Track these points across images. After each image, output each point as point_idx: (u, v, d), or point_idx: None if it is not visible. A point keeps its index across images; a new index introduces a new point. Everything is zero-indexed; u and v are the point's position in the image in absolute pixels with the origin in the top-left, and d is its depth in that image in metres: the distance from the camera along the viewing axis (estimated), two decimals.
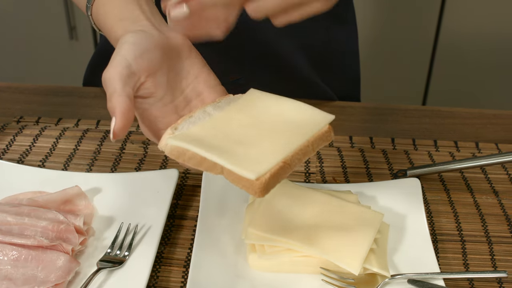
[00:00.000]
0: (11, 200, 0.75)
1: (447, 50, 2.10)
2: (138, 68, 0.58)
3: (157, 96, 0.60)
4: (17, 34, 2.19)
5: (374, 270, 0.67)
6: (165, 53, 0.61)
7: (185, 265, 0.71)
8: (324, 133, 0.58)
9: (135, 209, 0.76)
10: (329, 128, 0.59)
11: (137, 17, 0.63)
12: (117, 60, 0.58)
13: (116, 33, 0.63)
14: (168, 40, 0.62)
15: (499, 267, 0.73)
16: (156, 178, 0.80)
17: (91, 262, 0.69)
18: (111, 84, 0.56)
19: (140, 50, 0.59)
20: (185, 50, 0.63)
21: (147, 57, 0.59)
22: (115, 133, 0.55)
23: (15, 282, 0.64)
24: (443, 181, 0.85)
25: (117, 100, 0.55)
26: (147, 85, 0.59)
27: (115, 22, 0.64)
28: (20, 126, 0.93)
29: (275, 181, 0.55)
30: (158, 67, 0.60)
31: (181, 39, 0.63)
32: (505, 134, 0.96)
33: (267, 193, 0.54)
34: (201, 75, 0.64)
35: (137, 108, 0.61)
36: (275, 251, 0.68)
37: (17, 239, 0.67)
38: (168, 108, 0.61)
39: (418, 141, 0.93)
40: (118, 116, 0.55)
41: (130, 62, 0.57)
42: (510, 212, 0.80)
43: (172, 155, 0.57)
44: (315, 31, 1.03)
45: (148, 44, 0.60)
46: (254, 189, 0.53)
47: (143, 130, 0.62)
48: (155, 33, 0.61)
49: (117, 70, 0.57)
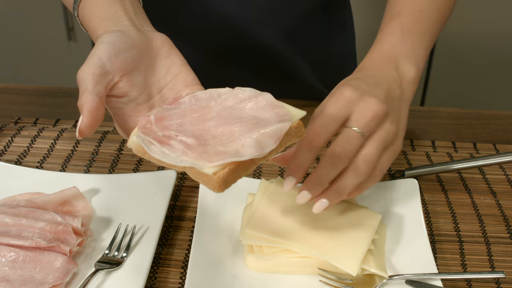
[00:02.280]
0: (9, 201, 0.75)
1: (445, 51, 2.10)
2: (112, 68, 0.59)
3: (132, 95, 0.61)
4: (15, 35, 2.19)
5: (372, 271, 0.67)
6: (143, 53, 0.62)
7: (183, 266, 0.71)
8: (293, 129, 0.56)
9: (133, 210, 0.76)
10: (298, 123, 0.57)
11: (119, 18, 0.64)
12: (91, 59, 0.58)
13: (97, 33, 0.64)
14: (147, 40, 0.63)
15: (497, 267, 0.73)
16: (154, 179, 0.80)
17: (89, 263, 0.69)
18: (83, 82, 0.57)
19: (115, 49, 0.59)
20: (165, 49, 0.64)
21: (123, 57, 0.59)
22: (80, 130, 0.55)
23: (13, 283, 0.64)
24: (441, 181, 0.85)
25: (86, 98, 0.56)
26: (121, 85, 0.60)
27: (98, 22, 0.65)
28: (18, 127, 0.93)
29: (235, 176, 0.54)
30: (134, 66, 0.61)
31: (162, 39, 0.64)
32: (503, 134, 0.96)
33: (227, 188, 0.53)
34: (180, 74, 0.64)
35: (111, 107, 0.61)
36: (272, 252, 0.68)
37: (14, 240, 0.67)
38: (142, 107, 0.62)
39: (416, 142, 0.93)
40: (85, 114, 0.55)
41: (104, 62, 0.58)
42: (508, 212, 0.80)
43: (138, 152, 0.57)
44: (313, 33, 1.03)
45: (125, 44, 0.60)
46: (213, 184, 0.53)
47: (117, 129, 0.63)
48: (134, 33, 0.62)
49: (90, 69, 0.57)
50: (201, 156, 0.53)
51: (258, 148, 0.53)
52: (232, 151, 0.53)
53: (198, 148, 0.54)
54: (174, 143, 0.54)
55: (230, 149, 0.53)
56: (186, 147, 0.54)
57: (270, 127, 0.54)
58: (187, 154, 0.53)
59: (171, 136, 0.55)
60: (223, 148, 0.53)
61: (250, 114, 0.57)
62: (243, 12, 0.95)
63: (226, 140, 0.54)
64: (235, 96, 0.59)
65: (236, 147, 0.53)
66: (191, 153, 0.53)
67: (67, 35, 2.15)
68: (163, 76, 0.63)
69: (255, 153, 0.53)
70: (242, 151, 0.53)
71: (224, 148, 0.53)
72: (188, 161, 0.53)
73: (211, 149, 0.53)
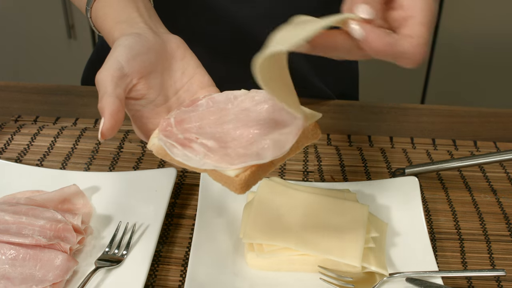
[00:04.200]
0: (9, 199, 0.75)
1: (446, 49, 2.10)
2: (130, 70, 0.59)
3: (150, 97, 0.61)
4: (15, 32, 2.19)
5: (372, 269, 0.67)
6: (160, 56, 0.62)
7: (183, 263, 0.71)
8: (310, 131, 0.57)
9: (133, 208, 0.76)
10: (315, 125, 0.58)
11: (134, 20, 0.64)
12: (110, 62, 0.59)
13: (113, 35, 0.64)
14: (163, 42, 0.63)
15: (497, 265, 0.73)
16: (154, 177, 0.80)
17: (89, 261, 0.69)
18: (103, 85, 0.57)
19: (133, 52, 0.60)
20: (180, 51, 0.64)
21: (140, 60, 0.60)
22: (103, 133, 0.56)
23: (13, 281, 0.64)
24: (442, 179, 0.85)
25: (107, 101, 0.56)
26: (139, 87, 0.60)
27: (113, 25, 0.65)
28: (18, 125, 0.93)
29: (256, 178, 0.55)
30: (152, 69, 0.61)
31: (176, 41, 0.64)
32: (503, 132, 0.96)
33: (248, 189, 0.54)
34: (195, 76, 0.64)
35: (130, 110, 0.62)
36: (273, 249, 0.68)
37: (15, 238, 0.67)
38: (160, 109, 0.62)
39: (417, 140, 0.93)
40: (107, 116, 0.56)
41: (122, 64, 0.59)
42: (508, 210, 0.80)
43: (159, 155, 0.58)
44: None
45: (142, 47, 0.61)
46: (235, 186, 0.54)
47: (135, 131, 0.63)
48: (150, 36, 0.62)
49: (109, 72, 0.58)
50: (223, 159, 0.54)
51: (277, 149, 0.54)
52: (253, 154, 0.54)
53: (219, 150, 0.54)
54: (195, 146, 0.55)
55: (250, 152, 0.54)
56: (207, 150, 0.55)
57: (288, 127, 0.56)
58: (209, 157, 0.54)
59: (191, 139, 0.56)
60: (244, 150, 0.54)
61: (267, 117, 0.57)
62: (244, 10, 0.95)
63: (245, 142, 0.55)
64: (251, 99, 0.60)
65: (256, 150, 0.54)
66: (213, 156, 0.54)
67: (67, 33, 2.15)
68: (179, 78, 0.64)
69: (275, 154, 0.54)
70: (262, 154, 0.54)
71: (244, 151, 0.54)
72: (210, 164, 0.54)
73: (232, 152, 0.54)
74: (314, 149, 0.90)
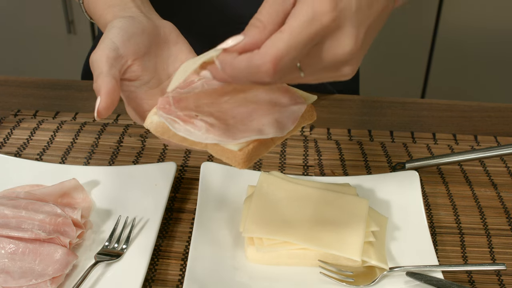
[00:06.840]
0: (9, 193, 0.75)
1: (446, 43, 2.10)
2: (125, 52, 0.60)
3: (144, 79, 0.62)
4: (15, 27, 2.19)
5: (373, 263, 0.67)
6: (153, 39, 0.63)
7: (183, 258, 0.71)
8: (306, 112, 0.59)
9: (133, 202, 0.75)
10: (311, 107, 0.59)
11: (126, 5, 0.65)
12: (105, 43, 0.59)
13: (105, 19, 0.65)
14: (156, 27, 0.64)
15: (498, 259, 0.73)
16: (154, 171, 0.79)
17: (88, 255, 0.69)
18: (98, 65, 0.58)
19: (128, 34, 0.60)
20: (173, 36, 0.65)
21: (135, 41, 0.60)
22: (99, 111, 0.56)
23: (12, 275, 0.64)
24: (442, 173, 0.85)
25: (103, 81, 0.57)
26: (133, 68, 0.61)
27: (105, 9, 0.66)
28: (18, 120, 0.93)
29: (258, 153, 0.56)
30: (145, 51, 0.62)
31: (169, 27, 0.65)
32: (503, 127, 0.96)
33: (250, 164, 0.55)
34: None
35: (124, 91, 0.62)
36: (273, 244, 0.68)
37: (14, 232, 0.67)
38: (154, 91, 0.63)
39: (417, 134, 0.93)
40: (103, 95, 0.56)
41: (117, 45, 0.59)
42: (508, 204, 0.80)
43: (157, 132, 0.58)
44: None
45: (136, 29, 0.61)
46: (237, 160, 0.55)
47: (128, 112, 0.64)
48: (143, 20, 0.63)
49: (104, 52, 0.58)
50: (225, 134, 0.54)
51: (278, 128, 0.55)
52: (254, 129, 0.55)
53: (220, 126, 0.55)
54: (196, 122, 0.56)
55: (252, 128, 0.55)
56: (209, 125, 0.55)
57: (288, 109, 0.57)
58: (211, 132, 0.55)
59: (191, 115, 0.56)
60: (245, 127, 0.55)
61: (264, 98, 0.58)
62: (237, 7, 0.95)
63: (245, 120, 0.56)
64: None
65: (257, 126, 0.55)
66: (215, 131, 0.55)
67: (66, 28, 2.15)
68: (171, 62, 0.65)
69: (276, 132, 0.55)
70: (264, 130, 0.55)
71: (245, 127, 0.55)
72: (213, 138, 0.54)
73: (232, 128, 0.55)
74: (314, 143, 0.90)
